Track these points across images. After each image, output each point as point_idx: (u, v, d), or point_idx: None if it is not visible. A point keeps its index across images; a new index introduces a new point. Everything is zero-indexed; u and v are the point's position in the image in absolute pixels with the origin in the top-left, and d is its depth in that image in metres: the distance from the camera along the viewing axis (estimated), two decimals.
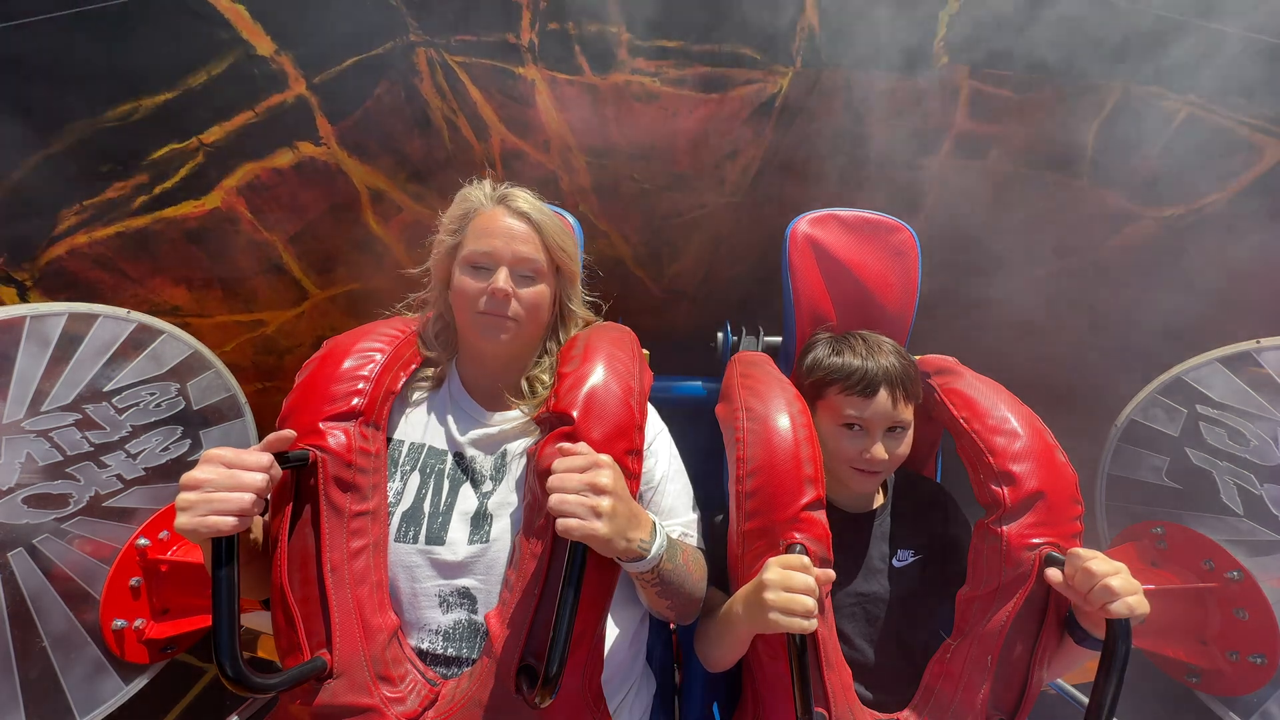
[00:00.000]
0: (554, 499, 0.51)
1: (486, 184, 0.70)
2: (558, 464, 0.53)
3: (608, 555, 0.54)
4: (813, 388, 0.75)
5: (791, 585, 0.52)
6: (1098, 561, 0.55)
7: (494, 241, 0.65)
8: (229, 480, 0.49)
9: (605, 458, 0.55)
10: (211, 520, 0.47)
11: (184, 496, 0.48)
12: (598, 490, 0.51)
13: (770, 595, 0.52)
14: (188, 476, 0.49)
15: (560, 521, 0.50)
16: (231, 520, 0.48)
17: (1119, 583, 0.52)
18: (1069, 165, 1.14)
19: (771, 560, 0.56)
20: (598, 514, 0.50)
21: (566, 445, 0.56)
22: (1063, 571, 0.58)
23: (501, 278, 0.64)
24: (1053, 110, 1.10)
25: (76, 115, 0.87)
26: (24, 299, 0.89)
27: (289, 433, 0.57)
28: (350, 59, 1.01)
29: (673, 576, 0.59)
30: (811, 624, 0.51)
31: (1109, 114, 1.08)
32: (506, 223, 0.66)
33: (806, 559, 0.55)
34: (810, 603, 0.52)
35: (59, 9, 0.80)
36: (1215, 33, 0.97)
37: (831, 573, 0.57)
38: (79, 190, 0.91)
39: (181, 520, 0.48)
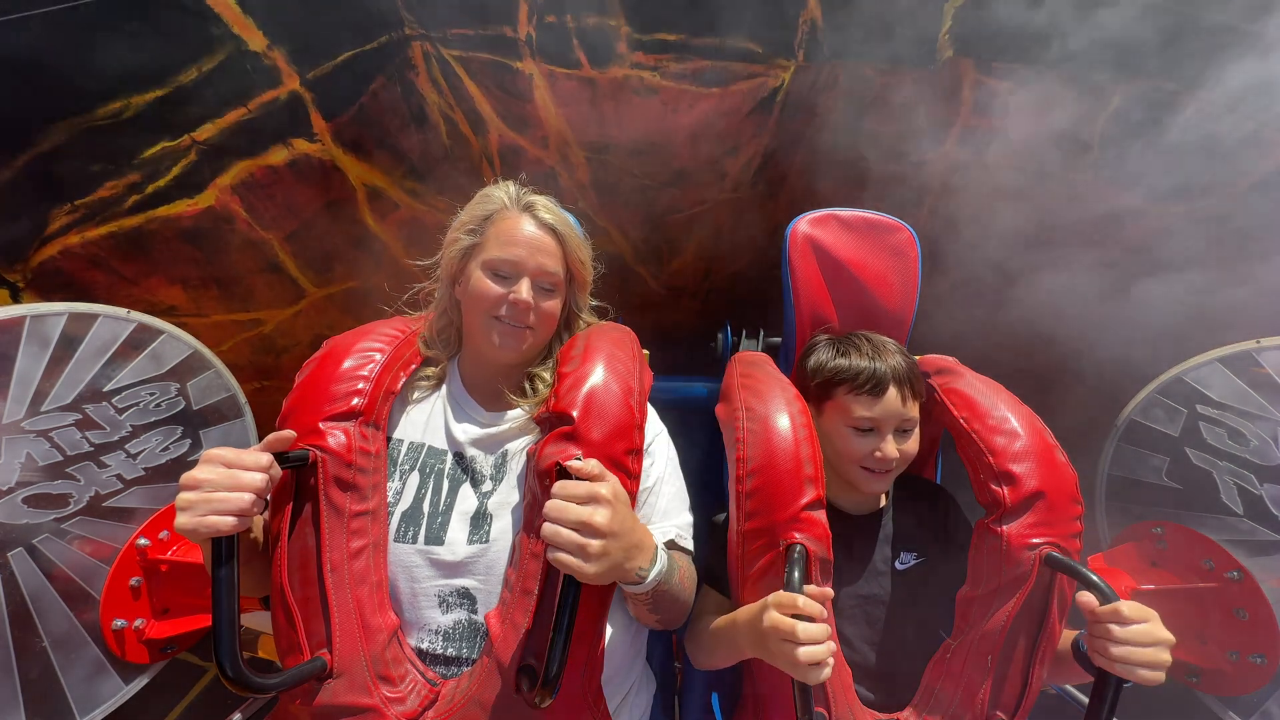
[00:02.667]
0: (547, 530, 0.49)
1: (511, 186, 0.70)
2: (556, 489, 0.51)
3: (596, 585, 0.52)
4: (819, 389, 0.75)
5: (810, 638, 0.49)
6: (1125, 611, 0.51)
7: (519, 250, 0.65)
8: (229, 480, 0.49)
9: (606, 489, 0.51)
10: (211, 520, 0.47)
11: (183, 496, 0.48)
12: (592, 531, 0.49)
13: (794, 651, 0.49)
14: (187, 476, 0.49)
15: (550, 552, 0.49)
16: (231, 520, 0.48)
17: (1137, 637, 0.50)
18: (1074, 160, 1.13)
19: (773, 611, 0.51)
20: (587, 555, 0.48)
21: (575, 464, 0.53)
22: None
23: (525, 289, 0.64)
24: (1059, 104, 1.08)
25: (66, 113, 0.86)
26: (17, 300, 0.89)
27: (289, 433, 0.57)
28: (344, 54, 0.99)
29: (667, 596, 0.59)
30: (826, 670, 0.49)
31: (1116, 108, 1.07)
32: (532, 233, 0.66)
33: (814, 604, 0.50)
34: (831, 647, 0.50)
35: (47, 5, 0.79)
36: (1225, 27, 0.96)
37: (829, 591, 0.56)
38: (70, 190, 0.90)
39: (181, 520, 0.48)
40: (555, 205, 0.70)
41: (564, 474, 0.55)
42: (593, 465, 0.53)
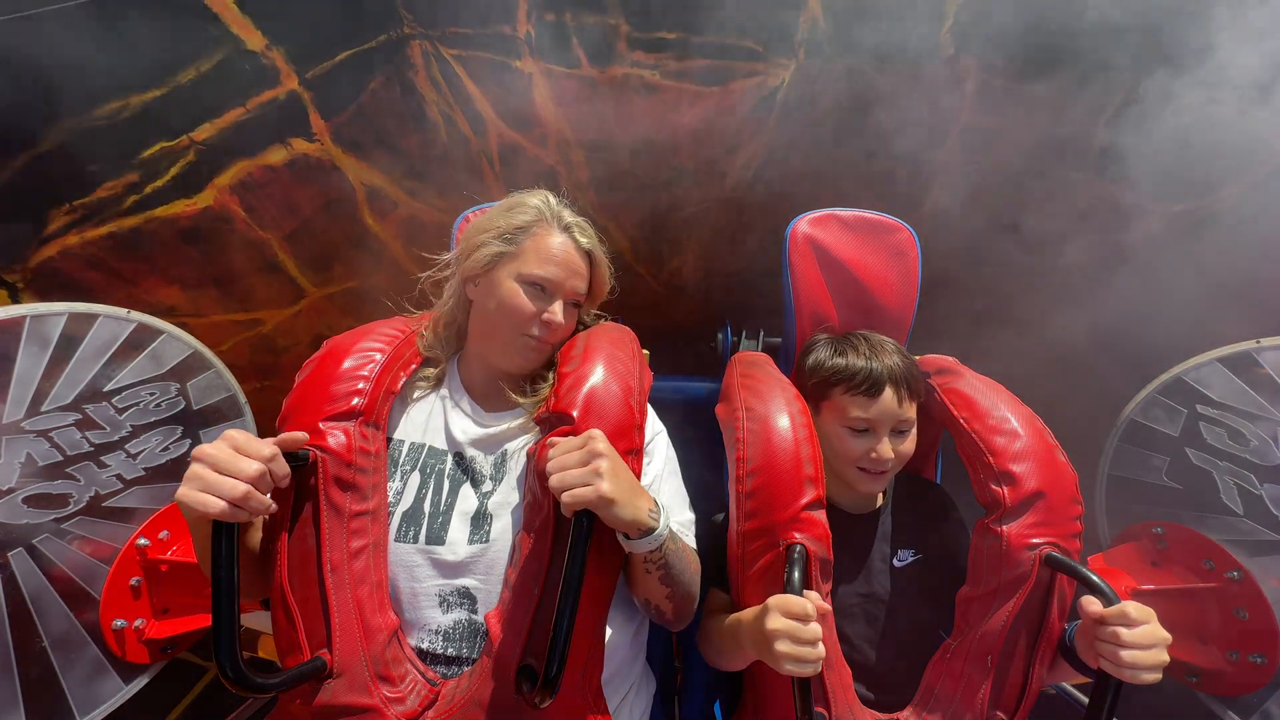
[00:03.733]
0: (554, 477, 0.51)
1: (550, 198, 0.71)
2: (553, 450, 0.54)
3: (617, 526, 0.53)
4: (816, 389, 0.75)
5: (800, 637, 0.50)
6: (1133, 614, 0.51)
7: (559, 271, 0.67)
8: (229, 463, 0.49)
9: (598, 432, 0.55)
10: (201, 498, 0.47)
11: (192, 468, 0.48)
12: (595, 455, 0.52)
13: (781, 647, 0.50)
14: (199, 449, 0.49)
15: (566, 494, 0.50)
16: (220, 504, 0.47)
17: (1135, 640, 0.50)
18: (1078, 159, 1.13)
19: (774, 606, 0.52)
20: (599, 474, 0.51)
21: (555, 438, 0.57)
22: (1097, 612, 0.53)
23: (559, 311, 0.66)
24: (1063, 102, 1.08)
25: (64, 114, 0.86)
26: (16, 300, 0.89)
27: (301, 435, 0.57)
28: (343, 53, 0.99)
29: (675, 561, 0.59)
30: (819, 667, 0.51)
31: (1120, 105, 1.06)
32: (572, 255, 0.68)
33: (809, 605, 0.51)
34: (821, 650, 0.50)
35: (44, 5, 0.79)
36: (1232, 22, 0.95)
37: (828, 606, 0.56)
38: (68, 190, 0.90)
39: (180, 490, 0.48)
40: (589, 225, 0.72)
41: None
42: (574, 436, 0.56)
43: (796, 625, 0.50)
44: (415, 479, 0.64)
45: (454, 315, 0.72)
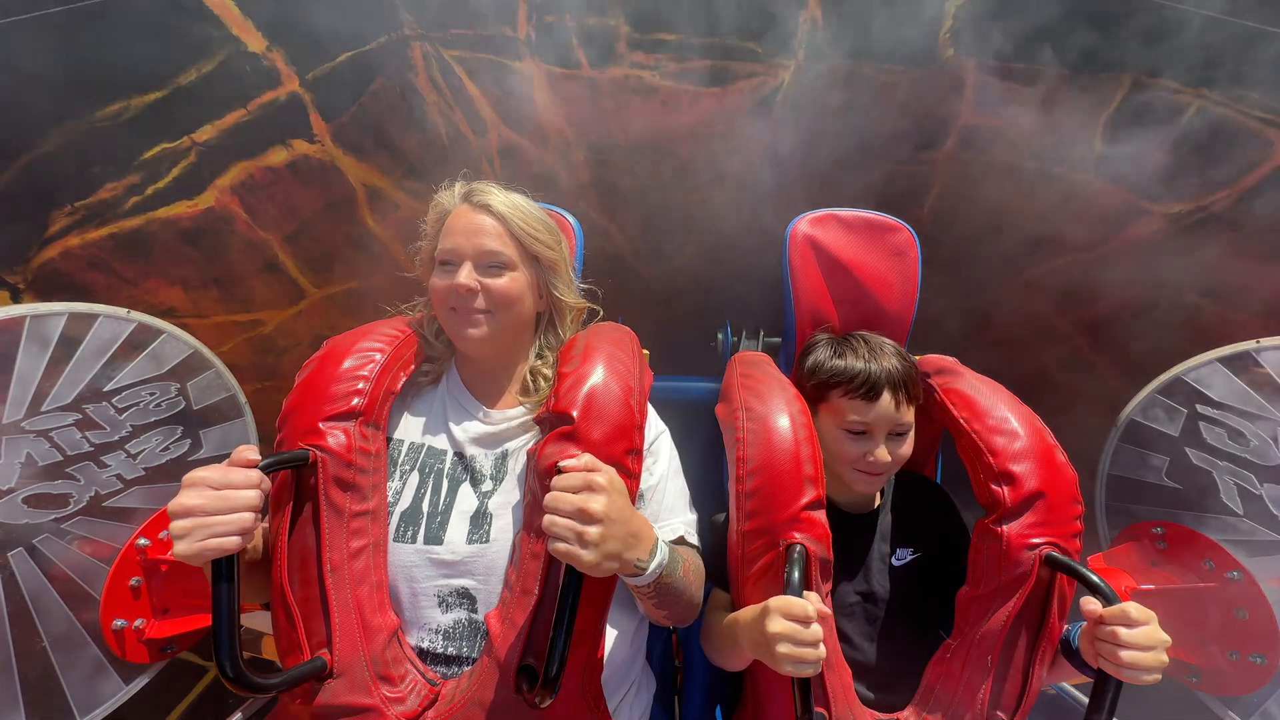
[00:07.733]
0: (546, 520, 0.50)
1: (457, 185, 0.69)
2: (554, 482, 0.52)
3: (597, 576, 0.53)
4: (815, 390, 0.75)
5: (800, 639, 0.50)
6: (1133, 614, 0.51)
7: (456, 238, 0.65)
8: (221, 503, 0.48)
9: (601, 478, 0.52)
10: (213, 544, 0.47)
11: (177, 525, 0.47)
12: (588, 517, 0.50)
13: (782, 649, 0.50)
14: (175, 504, 0.47)
15: (550, 543, 0.50)
16: (235, 540, 0.47)
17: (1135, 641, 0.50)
18: (1076, 159, 1.13)
19: (774, 609, 0.51)
20: (585, 542, 0.49)
21: (567, 464, 0.54)
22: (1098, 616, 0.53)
23: (463, 273, 0.64)
24: (1060, 103, 1.08)
25: (65, 115, 0.86)
26: (17, 301, 0.89)
27: (253, 454, 0.53)
28: (343, 54, 1.00)
29: (671, 589, 0.59)
30: (819, 668, 0.51)
31: (1118, 106, 1.07)
32: (469, 218, 0.66)
33: (809, 606, 0.51)
34: (821, 651, 0.50)
35: (46, 7, 0.79)
36: (1226, 24, 0.95)
37: (828, 610, 0.55)
38: (70, 191, 0.90)
39: (180, 548, 0.46)
40: (495, 187, 0.68)
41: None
42: (586, 459, 0.54)
43: (797, 628, 0.50)
44: (414, 479, 0.64)
45: (431, 317, 0.73)
